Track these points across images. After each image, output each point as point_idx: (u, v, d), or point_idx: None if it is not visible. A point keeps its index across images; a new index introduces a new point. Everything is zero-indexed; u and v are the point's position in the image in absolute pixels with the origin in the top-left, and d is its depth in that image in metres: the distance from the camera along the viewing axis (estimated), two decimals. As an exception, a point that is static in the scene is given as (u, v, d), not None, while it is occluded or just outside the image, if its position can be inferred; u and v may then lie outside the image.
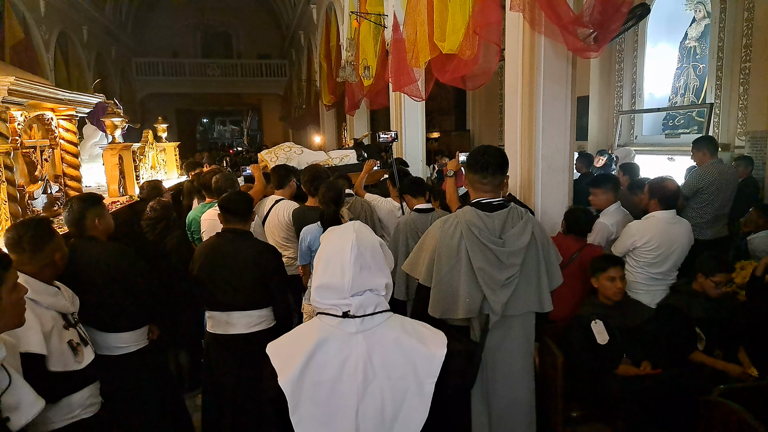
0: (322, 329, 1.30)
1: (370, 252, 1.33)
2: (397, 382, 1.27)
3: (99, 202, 2.77)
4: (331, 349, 1.27)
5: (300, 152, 5.50)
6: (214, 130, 28.46)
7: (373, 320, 1.31)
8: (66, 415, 2.17)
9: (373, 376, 1.26)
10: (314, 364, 1.26)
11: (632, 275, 3.45)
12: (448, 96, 13.36)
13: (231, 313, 2.87)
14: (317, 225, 3.34)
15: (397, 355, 1.28)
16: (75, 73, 14.06)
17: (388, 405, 1.26)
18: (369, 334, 1.29)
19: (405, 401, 1.27)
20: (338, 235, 1.36)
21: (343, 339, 1.28)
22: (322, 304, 1.32)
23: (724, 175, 4.56)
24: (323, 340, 1.28)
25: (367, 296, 1.30)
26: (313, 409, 1.25)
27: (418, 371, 1.28)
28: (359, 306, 1.29)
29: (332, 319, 1.30)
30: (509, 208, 2.28)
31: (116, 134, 5.05)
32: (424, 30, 5.67)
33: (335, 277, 1.29)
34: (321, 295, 1.32)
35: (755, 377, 2.86)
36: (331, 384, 1.25)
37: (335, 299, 1.30)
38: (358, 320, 1.29)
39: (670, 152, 7.41)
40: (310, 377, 1.25)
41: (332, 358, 1.27)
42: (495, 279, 2.17)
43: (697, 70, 7.48)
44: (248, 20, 23.06)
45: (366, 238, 1.35)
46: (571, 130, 3.96)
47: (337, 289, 1.29)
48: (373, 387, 1.26)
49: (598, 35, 3.43)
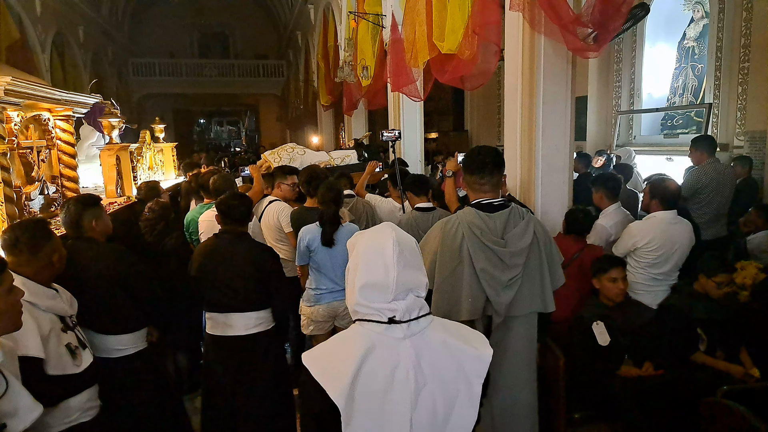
0: (367, 337, 1.25)
1: (409, 250, 1.31)
2: (448, 385, 1.25)
3: (96, 203, 2.74)
4: (379, 357, 1.23)
5: (303, 153, 5.49)
6: (212, 131, 28.43)
7: (419, 324, 1.28)
8: (64, 419, 2.14)
9: (424, 381, 1.23)
10: (364, 374, 1.21)
11: (633, 276, 3.44)
12: (447, 96, 13.36)
13: (229, 315, 2.85)
14: (316, 225, 3.32)
15: (446, 358, 1.26)
16: (71, 73, 14.00)
17: (440, 409, 1.24)
18: (416, 338, 1.26)
19: (456, 404, 1.25)
20: (375, 234, 1.33)
21: (391, 345, 1.24)
22: (366, 308, 1.28)
23: (721, 174, 4.56)
24: (370, 348, 1.23)
25: (411, 299, 1.27)
26: (365, 421, 1.20)
27: (467, 372, 1.26)
28: (405, 310, 1.26)
29: (377, 326, 1.26)
30: (510, 209, 2.27)
31: (113, 135, 5.02)
32: (422, 30, 5.66)
33: (378, 275, 1.26)
34: (365, 296, 1.27)
35: (757, 378, 2.85)
36: (382, 393, 1.21)
37: (380, 303, 1.26)
38: (404, 325, 1.25)
39: (669, 152, 7.40)
40: (361, 388, 1.20)
41: (381, 366, 1.22)
42: (498, 280, 2.15)
43: (696, 70, 7.48)
44: (245, 20, 23.03)
45: (404, 236, 1.33)
46: (570, 130, 3.96)
47: (381, 288, 1.25)
48: (425, 392, 1.23)
49: (598, 35, 3.42)
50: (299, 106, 17.02)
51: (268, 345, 2.93)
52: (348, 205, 4.04)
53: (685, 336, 3.02)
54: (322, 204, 3.32)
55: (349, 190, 4.22)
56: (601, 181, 4.05)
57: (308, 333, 3.51)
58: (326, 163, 5.36)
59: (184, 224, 4.11)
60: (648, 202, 3.58)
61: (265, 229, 4.00)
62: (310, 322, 3.43)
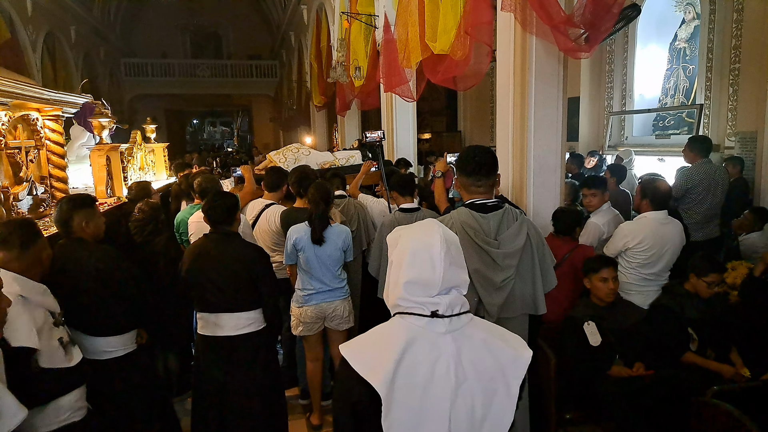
0: (408, 329, 1.25)
1: (455, 247, 1.31)
2: (488, 384, 1.24)
3: (89, 204, 2.72)
4: (420, 350, 1.23)
5: (308, 153, 5.46)
6: (204, 131, 28.34)
7: (461, 320, 1.28)
8: (54, 419, 2.14)
9: (464, 377, 1.23)
10: (405, 366, 1.21)
11: (625, 276, 3.45)
12: (440, 97, 13.36)
13: (219, 315, 2.84)
14: (305, 224, 3.31)
15: (487, 356, 1.26)
16: (62, 73, 13.91)
17: (478, 407, 1.23)
18: (457, 334, 1.25)
19: (493, 403, 1.24)
20: (423, 231, 1.32)
21: (432, 339, 1.24)
22: (408, 302, 1.27)
23: (712, 175, 4.58)
24: (411, 341, 1.23)
25: (454, 295, 1.27)
26: (404, 414, 1.20)
27: (506, 372, 1.26)
28: (448, 305, 1.25)
29: (419, 319, 1.26)
30: (504, 209, 2.26)
31: (104, 135, 4.99)
32: (415, 30, 5.66)
33: (425, 272, 1.25)
34: (410, 291, 1.26)
35: (747, 378, 2.86)
36: (423, 387, 1.21)
37: (423, 297, 1.25)
38: (446, 320, 1.25)
39: (661, 153, 7.45)
40: (401, 380, 1.20)
41: (422, 359, 1.22)
42: (490, 281, 2.14)
43: (687, 71, 7.52)
44: (238, 21, 22.94)
45: (449, 233, 1.33)
46: (562, 131, 3.96)
47: (427, 285, 1.25)
48: (464, 388, 1.22)
49: (590, 35, 3.42)
50: (292, 107, 16.98)
51: (259, 345, 2.91)
52: (339, 205, 4.02)
53: (676, 336, 3.02)
54: (311, 203, 3.31)
55: (341, 191, 4.20)
56: (592, 183, 4.06)
57: (297, 334, 3.50)
58: (331, 164, 5.33)
59: (174, 225, 4.08)
60: (639, 202, 3.60)
61: (260, 234, 3.93)
62: (299, 323, 3.42)
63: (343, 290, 3.49)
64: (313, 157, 5.35)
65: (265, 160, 5.65)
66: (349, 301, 3.53)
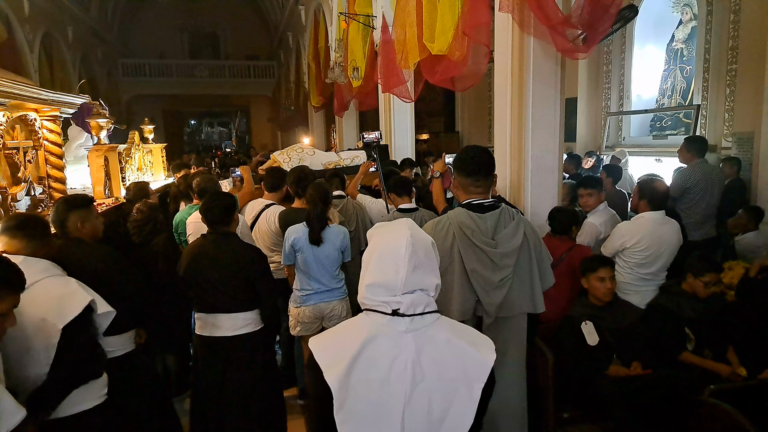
0: (370, 326, 1.27)
1: (424, 251, 1.30)
2: (448, 384, 1.24)
3: (86, 204, 2.72)
4: (380, 347, 1.24)
5: (312, 153, 5.48)
6: (202, 132, 28.33)
7: (424, 320, 1.27)
8: (97, 394, 2.27)
9: (422, 377, 1.23)
10: (362, 361, 1.22)
11: (622, 276, 3.46)
12: (438, 97, 13.37)
13: (217, 315, 2.84)
14: (302, 225, 3.32)
15: (448, 357, 1.25)
16: (60, 74, 13.90)
17: (436, 407, 1.23)
18: (419, 333, 1.26)
19: (453, 404, 1.24)
20: (392, 232, 1.33)
21: (393, 337, 1.25)
22: (371, 300, 1.29)
23: (709, 175, 4.61)
24: (372, 338, 1.24)
25: (417, 295, 1.27)
26: (359, 408, 1.21)
27: (469, 374, 1.25)
28: (410, 304, 1.26)
29: (381, 317, 1.27)
30: (501, 209, 2.26)
31: (102, 135, 4.99)
32: (413, 31, 5.66)
33: (389, 274, 1.26)
34: (372, 292, 1.28)
35: (744, 377, 2.87)
36: (379, 383, 1.22)
37: (386, 296, 1.26)
38: (408, 319, 1.26)
39: (658, 153, 7.46)
40: (358, 375, 1.22)
41: (381, 356, 1.23)
42: (488, 281, 2.15)
43: (684, 72, 7.55)
44: (236, 21, 22.94)
45: (420, 236, 1.33)
46: (560, 131, 3.97)
47: (389, 287, 1.26)
48: (421, 388, 1.22)
49: (587, 36, 3.44)
50: (290, 107, 16.98)
51: (256, 346, 2.91)
52: (338, 206, 4.02)
53: (673, 335, 3.03)
54: (309, 203, 3.32)
55: (339, 191, 4.21)
56: (588, 183, 4.08)
57: (296, 334, 3.50)
58: (335, 164, 5.34)
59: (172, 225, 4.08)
60: (637, 202, 3.61)
61: (259, 234, 3.93)
62: (297, 323, 3.42)
63: (341, 290, 3.49)
64: (317, 157, 5.36)
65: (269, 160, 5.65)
66: (347, 301, 3.53)
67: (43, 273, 2.15)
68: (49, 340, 2.02)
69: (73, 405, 2.18)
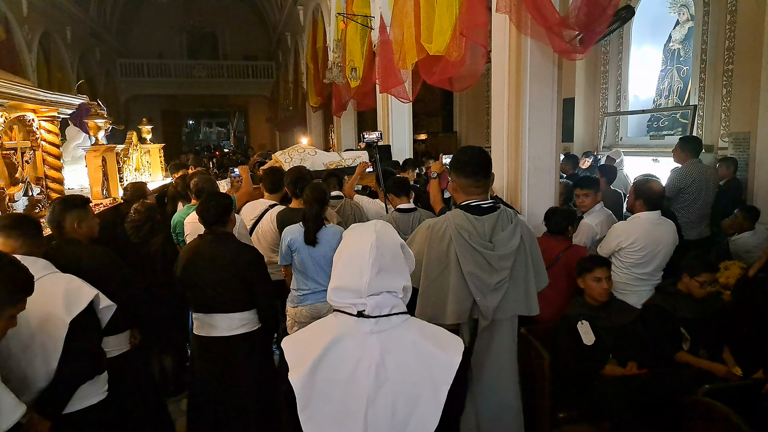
0: (338, 327, 1.28)
1: (391, 254, 1.30)
2: (412, 387, 1.23)
3: (82, 205, 2.72)
4: (345, 347, 1.25)
5: (314, 153, 5.48)
6: (201, 132, 28.32)
7: (390, 321, 1.28)
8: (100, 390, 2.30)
9: (386, 378, 1.23)
10: (328, 361, 1.23)
11: (618, 276, 3.47)
12: (436, 98, 13.39)
13: (213, 315, 2.84)
14: (299, 225, 3.32)
15: (414, 359, 1.25)
16: (58, 74, 13.88)
17: (400, 409, 1.23)
18: (384, 335, 1.26)
19: (418, 406, 1.23)
20: (359, 235, 1.34)
21: (359, 338, 1.25)
22: (337, 302, 1.30)
23: (704, 175, 4.64)
24: (338, 338, 1.25)
25: (383, 297, 1.27)
26: (323, 407, 1.22)
27: (434, 377, 1.24)
28: (375, 306, 1.26)
29: (348, 318, 1.28)
30: (500, 211, 2.26)
31: (99, 136, 4.99)
32: (411, 31, 5.68)
33: (354, 278, 1.27)
34: (338, 294, 1.30)
35: (739, 376, 2.88)
36: (344, 383, 1.23)
37: (351, 299, 1.27)
38: (373, 321, 1.26)
39: (655, 154, 7.47)
40: (323, 374, 1.22)
41: (347, 356, 1.24)
42: (485, 283, 2.15)
43: (681, 73, 7.56)
44: (235, 21, 22.94)
45: (387, 239, 1.33)
46: (557, 132, 3.99)
47: (354, 290, 1.27)
48: (386, 389, 1.22)
49: (584, 37, 3.45)
50: (288, 108, 16.99)
51: (253, 346, 2.91)
52: (336, 206, 4.03)
53: (668, 335, 3.04)
54: (306, 203, 3.33)
55: (337, 191, 4.21)
56: (585, 183, 4.09)
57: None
58: (337, 164, 5.35)
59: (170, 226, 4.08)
60: (633, 203, 3.62)
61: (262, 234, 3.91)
62: (294, 323, 3.42)
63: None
64: (319, 158, 5.37)
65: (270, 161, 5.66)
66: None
67: (43, 270, 2.15)
68: (57, 333, 2.03)
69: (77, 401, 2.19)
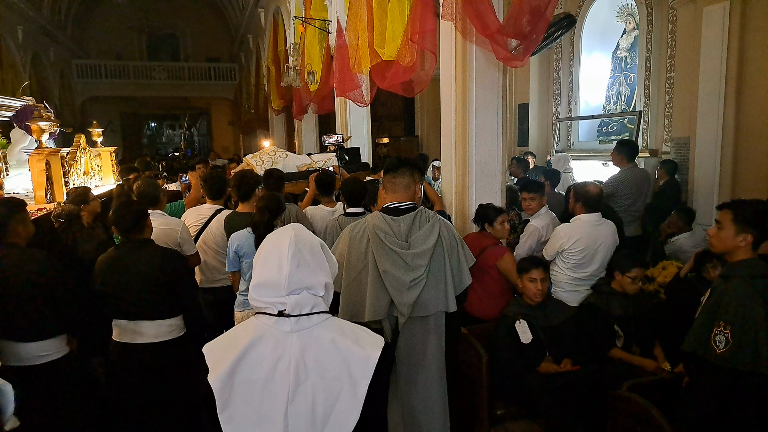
0: (257, 328, 1.29)
1: (309, 250, 1.32)
2: (331, 383, 1.25)
3: (23, 207, 2.70)
4: (265, 347, 1.26)
5: (285, 156, 5.47)
6: (163, 135, 27.68)
7: (310, 320, 1.29)
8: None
9: (306, 376, 1.25)
10: (247, 362, 1.24)
11: (560, 276, 3.59)
12: (398, 102, 13.47)
13: (140, 322, 2.78)
14: (247, 231, 3.31)
15: (333, 356, 1.27)
16: (9, 75, 13.39)
17: (320, 406, 1.25)
18: (304, 334, 1.28)
19: (338, 402, 1.25)
20: (277, 234, 1.36)
21: (278, 338, 1.27)
22: (258, 302, 1.31)
23: (638, 178, 4.89)
24: (257, 339, 1.27)
25: (303, 296, 1.29)
26: (243, 408, 1.23)
27: (353, 372, 1.26)
28: (295, 305, 1.28)
29: (268, 318, 1.29)
30: (417, 212, 2.34)
31: (43, 138, 4.85)
32: (365, 36, 5.72)
33: (272, 273, 1.28)
34: (258, 292, 1.30)
35: (668, 371, 3.02)
36: (263, 383, 1.24)
37: (271, 297, 1.28)
38: (293, 319, 1.28)
39: (605, 158, 7.69)
40: (242, 375, 1.23)
41: (266, 356, 1.25)
42: (400, 281, 2.21)
43: (628, 79, 7.83)
44: (196, 23, 22.59)
45: (305, 236, 1.35)
46: (503, 137, 4.08)
47: (273, 286, 1.28)
48: (305, 387, 1.24)
49: (523, 45, 3.55)
50: (251, 110, 16.82)
51: (181, 353, 2.86)
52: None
53: (602, 333, 3.15)
54: (258, 211, 3.31)
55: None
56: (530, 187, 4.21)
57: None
58: (308, 166, 5.34)
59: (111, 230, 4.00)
60: (573, 206, 3.75)
61: (207, 241, 3.86)
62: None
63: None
64: (290, 160, 5.37)
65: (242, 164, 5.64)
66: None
67: None
68: None
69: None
